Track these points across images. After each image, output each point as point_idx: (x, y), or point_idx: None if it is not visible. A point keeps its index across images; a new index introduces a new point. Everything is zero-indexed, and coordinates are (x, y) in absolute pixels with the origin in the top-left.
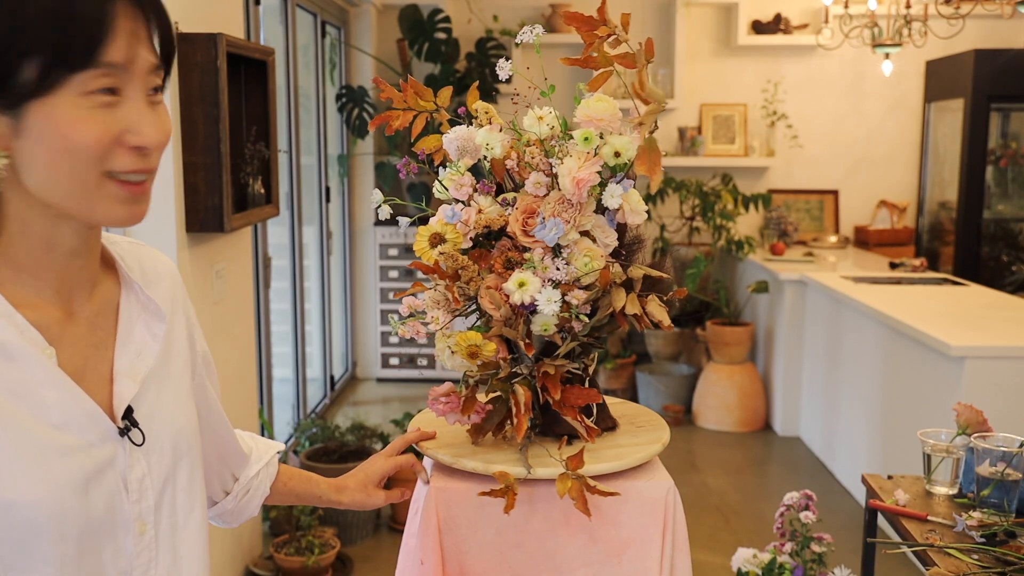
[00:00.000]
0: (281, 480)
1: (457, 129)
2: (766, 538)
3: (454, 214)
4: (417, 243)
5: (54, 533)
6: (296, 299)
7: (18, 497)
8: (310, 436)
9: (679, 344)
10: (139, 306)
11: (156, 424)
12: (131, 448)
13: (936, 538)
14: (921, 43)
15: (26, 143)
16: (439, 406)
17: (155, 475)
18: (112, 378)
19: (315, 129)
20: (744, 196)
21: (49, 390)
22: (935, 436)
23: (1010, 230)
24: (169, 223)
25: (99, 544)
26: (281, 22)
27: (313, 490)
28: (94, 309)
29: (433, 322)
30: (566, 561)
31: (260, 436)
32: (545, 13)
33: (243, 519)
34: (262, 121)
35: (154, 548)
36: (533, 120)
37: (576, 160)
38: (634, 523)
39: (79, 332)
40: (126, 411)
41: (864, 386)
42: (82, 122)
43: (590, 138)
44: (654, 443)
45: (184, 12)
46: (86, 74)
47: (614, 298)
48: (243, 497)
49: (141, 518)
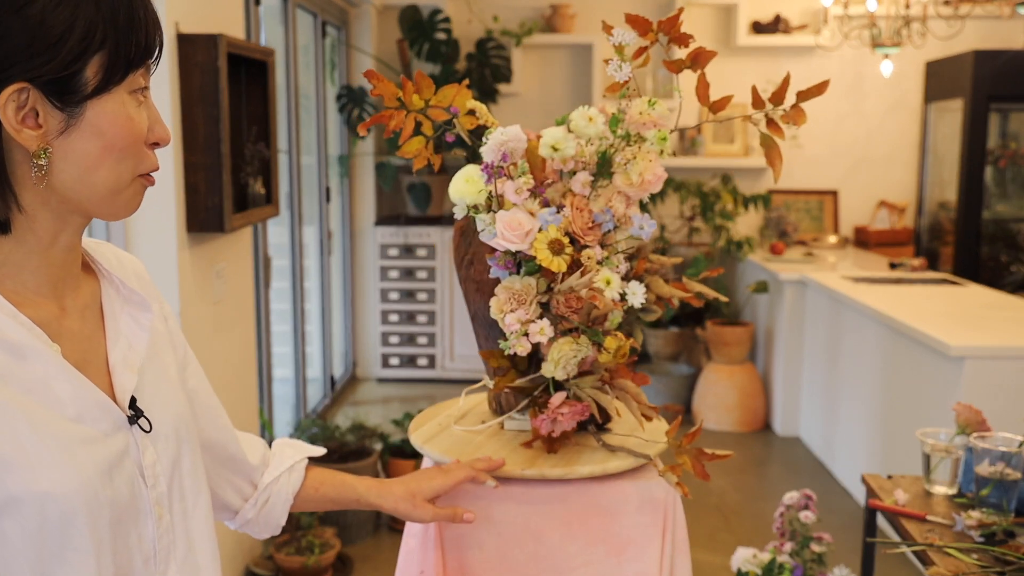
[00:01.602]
0: (311, 487)
1: (508, 130)
2: (766, 538)
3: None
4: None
5: (88, 521)
6: (296, 299)
7: (53, 488)
8: (310, 436)
9: (679, 344)
10: (121, 299)
11: (157, 411)
12: (141, 436)
13: (935, 538)
14: (920, 44)
15: (75, 141)
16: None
17: (164, 461)
18: (109, 370)
19: (315, 129)
20: (744, 196)
21: (62, 384)
22: (934, 436)
23: (1009, 230)
24: (169, 223)
25: (127, 530)
26: (281, 22)
27: (348, 494)
28: (82, 304)
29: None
30: (566, 561)
31: (296, 441)
32: (545, 13)
33: (271, 528)
34: (262, 121)
35: (171, 533)
36: (583, 120)
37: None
38: (634, 523)
39: (74, 326)
40: (131, 401)
41: (864, 386)
42: (132, 119)
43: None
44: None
45: (184, 12)
46: (137, 73)
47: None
48: (264, 505)
49: (159, 503)
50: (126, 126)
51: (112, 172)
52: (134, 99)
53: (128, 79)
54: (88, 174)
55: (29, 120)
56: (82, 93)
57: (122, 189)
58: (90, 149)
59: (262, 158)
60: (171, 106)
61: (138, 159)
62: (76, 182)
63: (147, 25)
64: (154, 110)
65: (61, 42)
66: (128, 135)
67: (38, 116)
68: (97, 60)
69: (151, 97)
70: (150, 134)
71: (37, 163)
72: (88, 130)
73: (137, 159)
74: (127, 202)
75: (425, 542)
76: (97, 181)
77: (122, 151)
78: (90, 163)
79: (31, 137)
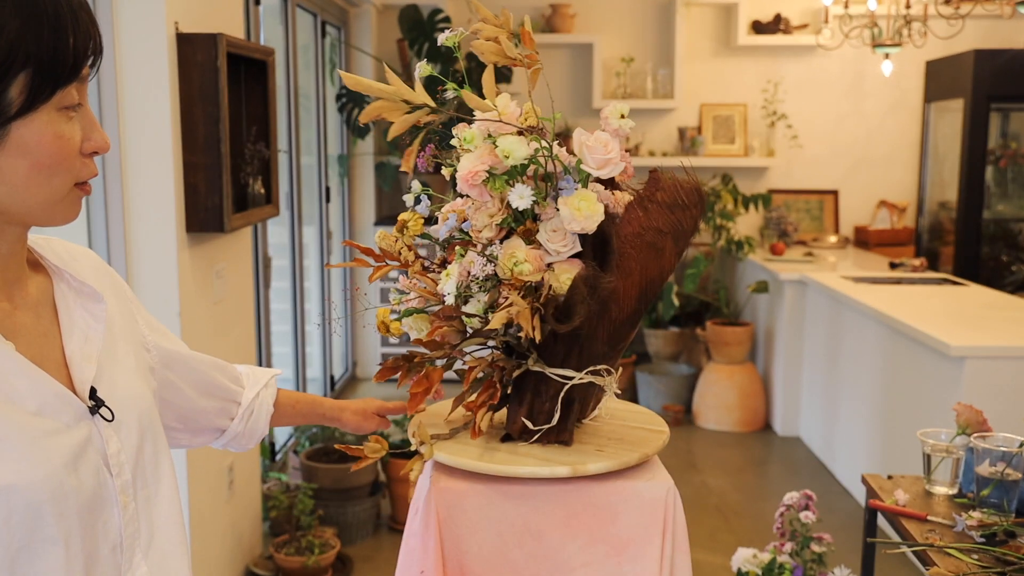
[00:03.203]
0: (287, 403)
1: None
2: (766, 538)
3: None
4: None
5: (56, 512)
6: (296, 299)
7: (18, 480)
8: (310, 436)
9: (679, 344)
10: (72, 292)
11: (118, 400)
12: (103, 426)
13: (936, 538)
14: (921, 43)
15: (4, 159)
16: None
17: (128, 450)
18: (66, 363)
19: (315, 129)
20: (744, 196)
21: (19, 379)
22: (935, 436)
23: (1010, 230)
24: (169, 223)
25: (94, 519)
26: (281, 22)
27: (317, 409)
28: (33, 301)
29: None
30: (566, 561)
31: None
32: (545, 13)
33: (255, 439)
34: (262, 121)
35: (136, 521)
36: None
37: (470, 158)
38: (634, 523)
39: (27, 322)
40: (91, 391)
41: (864, 386)
42: (62, 137)
43: (469, 138)
44: (653, 443)
45: (184, 12)
46: (67, 89)
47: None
48: (248, 419)
49: (124, 491)
50: (54, 144)
51: (44, 188)
52: (63, 115)
53: (56, 96)
54: (18, 191)
55: None
56: (5, 115)
57: (57, 201)
58: (18, 167)
59: (262, 158)
60: (171, 106)
61: (72, 172)
62: (7, 197)
63: (76, 39)
64: (90, 117)
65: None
66: (56, 153)
67: None
68: (20, 80)
69: (87, 104)
70: (86, 144)
71: None
72: (14, 150)
73: (71, 172)
74: (64, 212)
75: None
76: (28, 197)
77: (52, 168)
78: (19, 180)
79: None
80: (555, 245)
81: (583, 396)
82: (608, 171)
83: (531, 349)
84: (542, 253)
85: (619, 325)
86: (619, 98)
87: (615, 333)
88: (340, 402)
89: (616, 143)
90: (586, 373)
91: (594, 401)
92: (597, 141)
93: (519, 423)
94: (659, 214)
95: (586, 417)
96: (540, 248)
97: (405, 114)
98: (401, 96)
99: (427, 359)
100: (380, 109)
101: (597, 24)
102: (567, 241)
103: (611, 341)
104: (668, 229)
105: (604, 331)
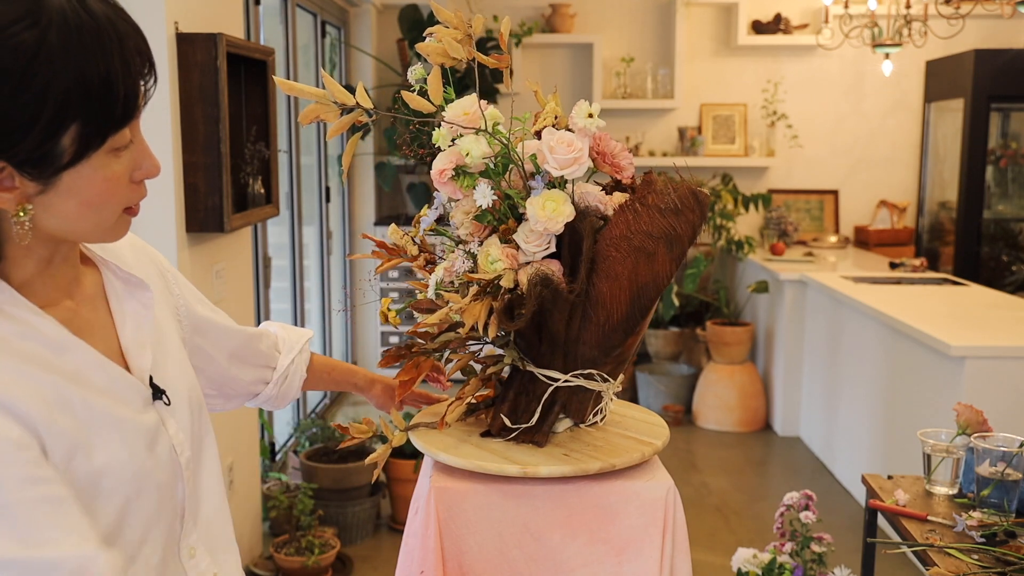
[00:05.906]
0: (323, 369)
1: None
2: (766, 538)
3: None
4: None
5: (136, 490)
6: (296, 299)
7: (111, 461)
8: (310, 436)
9: (679, 344)
10: (121, 283)
11: (171, 385)
12: (164, 409)
13: (936, 538)
14: (921, 43)
15: (53, 199)
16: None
17: (184, 429)
18: (122, 353)
19: (315, 129)
20: (744, 196)
21: (96, 371)
22: (935, 436)
23: (1010, 230)
24: (169, 223)
25: (168, 495)
26: (281, 22)
27: (351, 379)
28: (89, 296)
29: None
30: (566, 561)
31: (291, 326)
32: (545, 13)
33: (288, 401)
34: (262, 121)
35: (196, 493)
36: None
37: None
38: (634, 523)
39: (89, 317)
40: (150, 379)
41: (864, 386)
42: (112, 179)
43: (435, 138)
44: (654, 443)
45: (184, 12)
46: (118, 135)
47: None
48: (283, 383)
49: (188, 467)
50: (103, 187)
51: (93, 219)
52: (114, 156)
53: (108, 142)
54: (69, 223)
55: (6, 182)
56: (57, 165)
57: (107, 228)
58: (68, 205)
59: (262, 158)
60: (171, 106)
61: (122, 202)
62: (57, 228)
63: (127, 87)
64: (141, 146)
65: (33, 122)
66: (105, 193)
67: (15, 179)
68: (72, 131)
69: (140, 132)
70: (137, 172)
71: (17, 221)
72: (64, 192)
73: (121, 203)
74: (115, 233)
75: (425, 542)
76: (78, 227)
77: (100, 205)
78: (70, 215)
79: (7, 200)
80: (530, 246)
81: (568, 400)
82: (572, 171)
83: (514, 347)
84: (519, 253)
85: (609, 331)
86: (619, 98)
87: (605, 338)
88: (374, 375)
89: (583, 142)
90: (573, 375)
91: (591, 406)
92: (560, 141)
93: (499, 420)
94: (649, 218)
95: (584, 422)
96: (518, 248)
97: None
98: (333, 98)
99: (423, 350)
100: (316, 111)
101: (597, 24)
102: (541, 241)
103: (602, 346)
104: (659, 234)
105: (591, 335)
